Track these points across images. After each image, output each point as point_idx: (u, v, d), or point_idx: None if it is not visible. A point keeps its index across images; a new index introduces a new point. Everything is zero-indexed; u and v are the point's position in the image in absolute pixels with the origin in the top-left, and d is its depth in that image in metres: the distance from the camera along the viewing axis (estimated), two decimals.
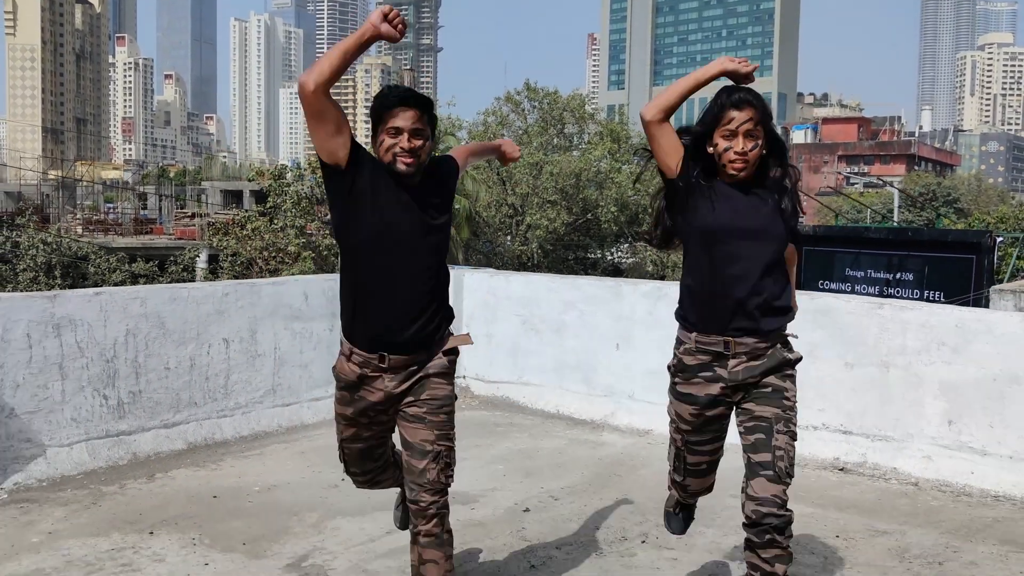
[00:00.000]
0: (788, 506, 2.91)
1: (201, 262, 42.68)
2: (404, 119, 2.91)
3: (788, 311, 3.05)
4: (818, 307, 5.74)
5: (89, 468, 5.20)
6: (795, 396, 3.04)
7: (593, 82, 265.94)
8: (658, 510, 4.67)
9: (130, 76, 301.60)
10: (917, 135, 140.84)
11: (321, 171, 3.04)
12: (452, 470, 3.06)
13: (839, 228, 27.10)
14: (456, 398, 3.19)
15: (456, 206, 30.12)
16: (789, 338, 3.10)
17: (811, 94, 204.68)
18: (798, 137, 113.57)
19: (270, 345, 6.16)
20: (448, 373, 3.11)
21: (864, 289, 19.18)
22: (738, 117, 2.83)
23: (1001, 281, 21.85)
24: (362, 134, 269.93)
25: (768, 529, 2.84)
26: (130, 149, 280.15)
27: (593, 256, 35.59)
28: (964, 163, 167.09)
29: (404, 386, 3.06)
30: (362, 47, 2.86)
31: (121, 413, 5.39)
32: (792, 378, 3.04)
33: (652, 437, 6.16)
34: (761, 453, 2.90)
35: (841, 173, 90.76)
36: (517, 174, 32.06)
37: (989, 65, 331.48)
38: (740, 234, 2.88)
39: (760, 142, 2.86)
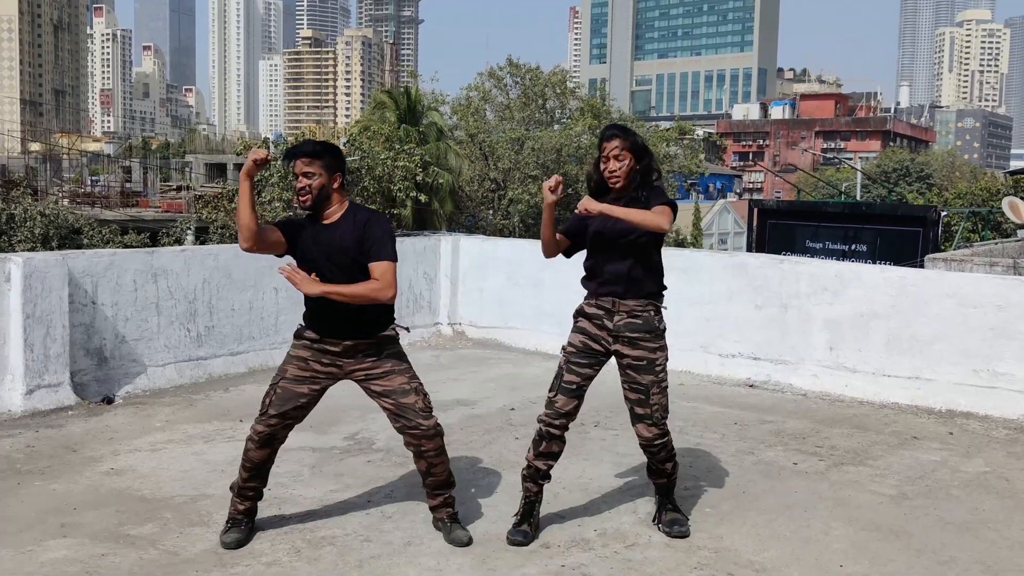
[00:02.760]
0: (664, 436, 4.06)
1: (190, 235, 43.84)
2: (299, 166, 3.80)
3: (652, 290, 4.05)
4: (736, 263, 7.43)
5: (178, 383, 6.82)
6: (664, 361, 4.04)
7: (575, 56, 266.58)
8: (609, 410, 6.36)
9: (108, 47, 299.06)
10: (895, 111, 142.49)
11: None
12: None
13: (800, 203, 28.79)
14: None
15: (440, 180, 31.57)
16: (662, 310, 4.12)
17: (791, 69, 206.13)
18: (776, 113, 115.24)
19: None
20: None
21: (823, 260, 20.86)
22: (608, 146, 4.01)
23: (947, 250, 23.53)
24: (342, 109, 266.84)
25: (653, 451, 4.10)
26: (109, 121, 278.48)
27: None
28: (940, 139, 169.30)
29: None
30: (250, 184, 3.71)
31: (199, 343, 7.01)
32: (663, 348, 4.04)
33: (609, 366, 7.83)
34: (643, 408, 4.04)
35: (809, 151, 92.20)
36: (499, 149, 33.39)
37: (967, 41, 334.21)
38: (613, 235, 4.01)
39: (628, 161, 3.98)
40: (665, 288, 4.18)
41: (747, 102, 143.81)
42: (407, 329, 4.13)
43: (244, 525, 4.01)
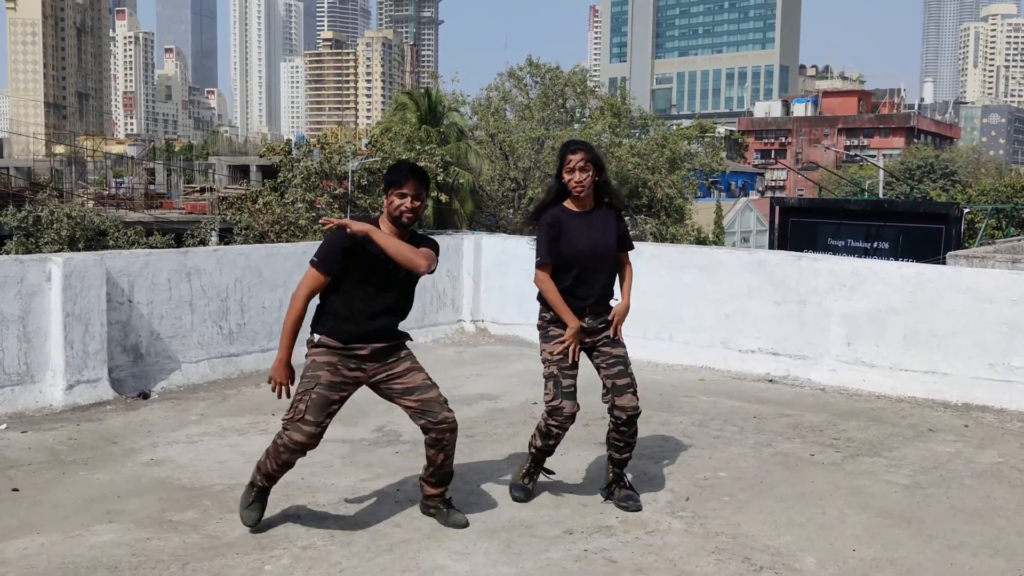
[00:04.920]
0: (639, 409, 4.41)
1: (214, 236, 44.27)
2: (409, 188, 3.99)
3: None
4: (755, 260, 7.56)
5: (211, 379, 7.04)
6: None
7: (595, 55, 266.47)
8: None
9: (130, 50, 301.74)
10: (918, 108, 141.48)
11: None
12: None
13: (822, 201, 28.75)
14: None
15: (460, 180, 31.78)
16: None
17: (813, 66, 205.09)
18: (798, 110, 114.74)
19: None
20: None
21: (840, 256, 20.88)
22: (574, 159, 4.29)
23: (970, 247, 23.47)
24: (363, 110, 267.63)
25: (631, 423, 4.37)
26: (132, 123, 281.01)
27: None
28: (965, 136, 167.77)
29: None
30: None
31: (231, 340, 7.23)
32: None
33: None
34: (624, 379, 4.38)
35: (831, 148, 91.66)
36: (519, 148, 33.56)
37: (993, 36, 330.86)
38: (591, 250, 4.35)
39: (591, 173, 4.30)
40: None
41: (769, 99, 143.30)
42: (410, 338, 4.30)
43: (263, 504, 4.16)
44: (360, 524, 4.21)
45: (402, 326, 4.25)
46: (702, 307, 7.84)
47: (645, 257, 8.25)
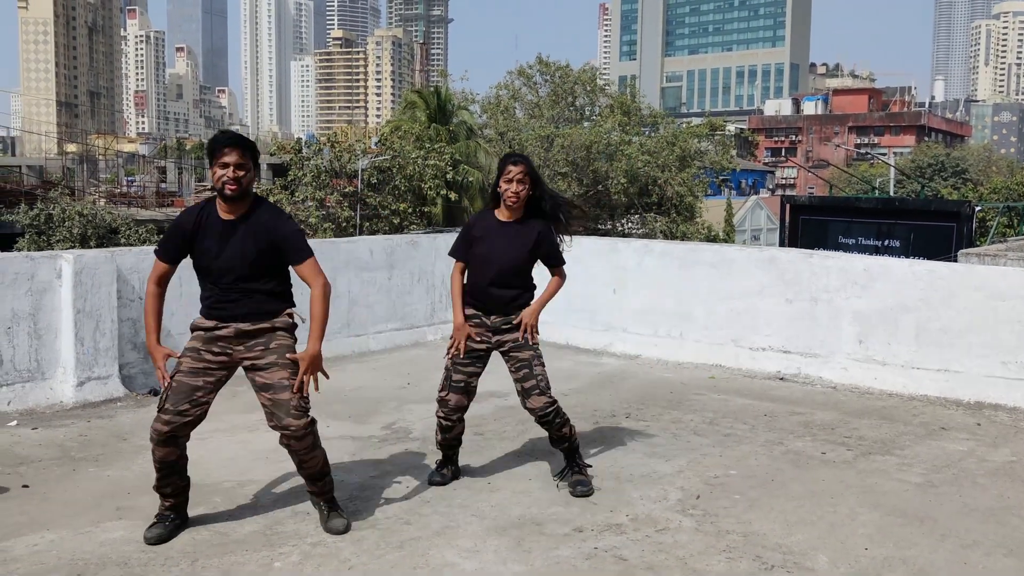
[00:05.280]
0: (553, 403, 4.53)
1: None
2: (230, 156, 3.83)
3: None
4: (766, 257, 7.53)
5: None
6: (537, 343, 4.61)
7: (605, 53, 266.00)
8: (640, 402, 6.49)
9: (142, 49, 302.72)
10: (929, 106, 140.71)
11: None
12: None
13: (832, 198, 28.65)
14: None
15: (469, 178, 31.78)
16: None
17: (823, 64, 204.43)
18: (808, 108, 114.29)
19: (345, 289, 7.97)
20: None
21: (852, 254, 20.81)
22: (513, 170, 4.45)
23: (982, 245, 23.33)
24: (373, 109, 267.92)
25: (547, 418, 4.52)
26: (143, 122, 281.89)
27: (604, 227, 37.14)
28: (976, 134, 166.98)
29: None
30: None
31: None
32: (536, 327, 4.61)
33: (640, 360, 7.98)
34: (529, 381, 4.52)
35: (842, 146, 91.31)
36: (529, 147, 33.51)
37: (1004, 34, 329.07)
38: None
39: (526, 186, 4.46)
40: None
41: (779, 98, 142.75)
42: (303, 319, 4.10)
43: (170, 520, 4.00)
44: (369, 522, 4.21)
45: (412, 324, 4.21)
46: (713, 305, 7.81)
47: (655, 254, 8.24)
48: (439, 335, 8.75)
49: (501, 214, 4.59)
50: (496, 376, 7.26)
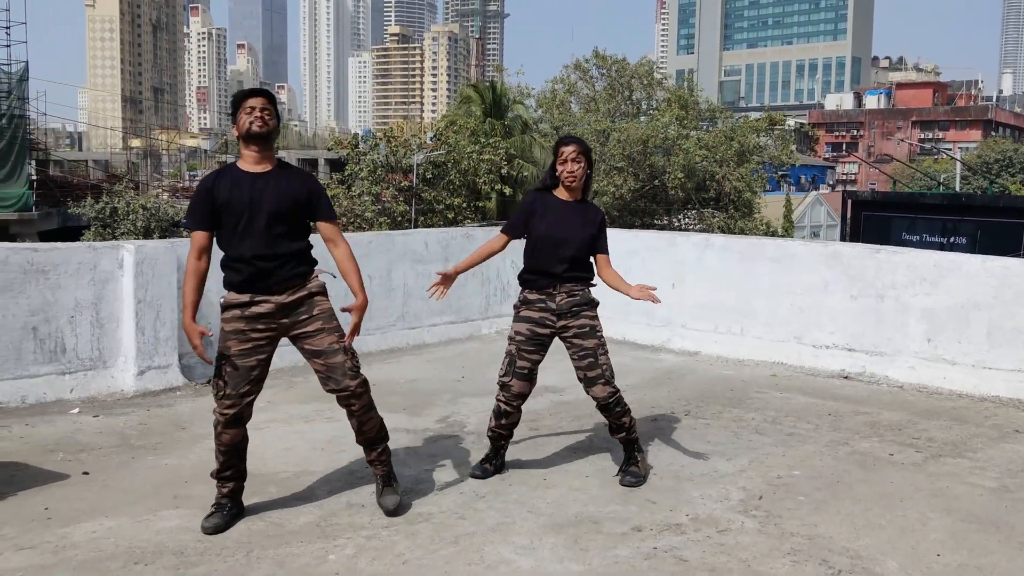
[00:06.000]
0: (617, 393, 4.53)
1: None
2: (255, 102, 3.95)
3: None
4: (830, 252, 7.32)
5: (278, 367, 6.92)
6: (601, 328, 4.57)
7: (662, 47, 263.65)
8: (700, 399, 6.35)
9: (204, 46, 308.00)
10: (996, 99, 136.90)
11: None
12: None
13: (895, 194, 28.02)
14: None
15: (524, 173, 31.69)
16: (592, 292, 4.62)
17: (886, 58, 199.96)
18: (871, 102, 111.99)
19: (400, 281, 7.96)
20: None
21: (920, 250, 20.34)
22: (566, 151, 4.52)
23: None
24: (428, 104, 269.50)
25: (609, 407, 4.53)
26: (205, 118, 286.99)
27: (660, 223, 36.79)
28: None
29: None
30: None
31: None
32: (598, 316, 4.58)
33: (700, 357, 7.82)
34: (594, 371, 4.49)
35: (905, 141, 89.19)
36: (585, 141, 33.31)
37: None
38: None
39: (583, 165, 4.52)
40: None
41: (840, 92, 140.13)
42: (333, 275, 4.17)
43: (227, 510, 4.02)
44: (424, 515, 4.16)
45: (467, 318, 4.21)
46: (775, 300, 7.62)
47: (716, 249, 8.07)
48: (494, 329, 8.70)
49: (561, 194, 4.61)
50: (552, 372, 7.19)
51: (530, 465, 4.90)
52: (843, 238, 23.58)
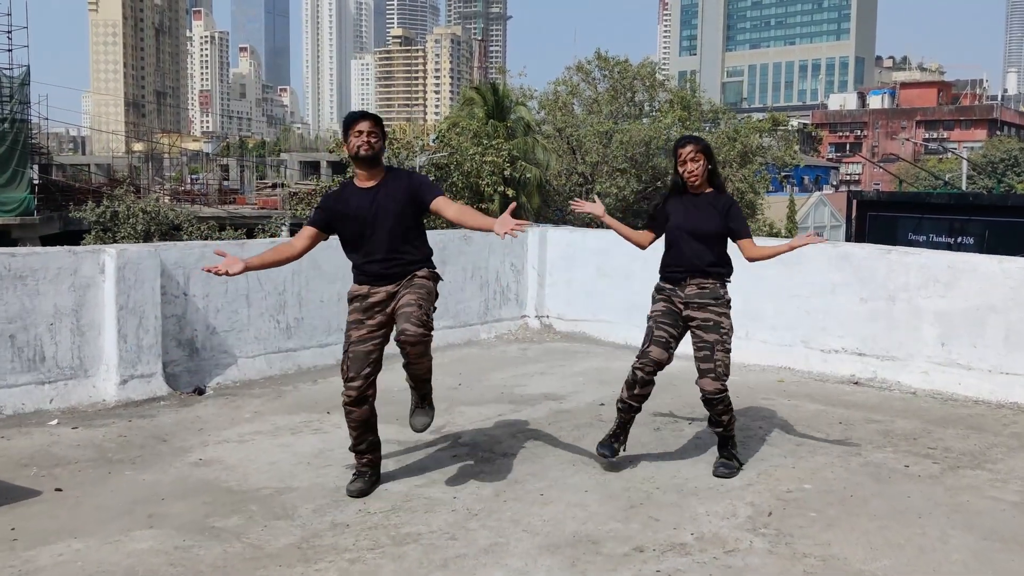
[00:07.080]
0: (724, 391, 4.67)
1: (284, 231, 44.74)
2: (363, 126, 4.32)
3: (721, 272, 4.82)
4: (839, 254, 7.06)
5: (267, 375, 6.83)
6: (729, 325, 4.72)
7: (664, 48, 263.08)
8: (703, 407, 6.09)
9: (206, 49, 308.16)
10: (1001, 99, 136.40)
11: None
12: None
13: (901, 194, 27.75)
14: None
15: (527, 175, 31.45)
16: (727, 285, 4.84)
17: (890, 57, 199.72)
18: (875, 102, 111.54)
19: None
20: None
21: (933, 251, 20.06)
22: (683, 152, 4.71)
23: None
24: (431, 106, 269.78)
25: (712, 402, 4.68)
26: (207, 121, 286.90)
27: None
28: None
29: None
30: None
31: (289, 334, 7.01)
32: (727, 314, 4.74)
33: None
34: (707, 364, 4.65)
35: (909, 140, 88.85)
36: (587, 143, 33.09)
37: None
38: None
39: (702, 163, 4.70)
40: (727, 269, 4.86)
41: (844, 92, 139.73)
42: (441, 279, 4.54)
43: (368, 476, 4.41)
44: (412, 535, 3.91)
45: (464, 322, 4.13)
46: (781, 303, 7.37)
47: None
48: (492, 333, 8.45)
49: (688, 191, 4.80)
50: (552, 377, 6.95)
51: (526, 479, 4.65)
52: (848, 238, 23.29)
